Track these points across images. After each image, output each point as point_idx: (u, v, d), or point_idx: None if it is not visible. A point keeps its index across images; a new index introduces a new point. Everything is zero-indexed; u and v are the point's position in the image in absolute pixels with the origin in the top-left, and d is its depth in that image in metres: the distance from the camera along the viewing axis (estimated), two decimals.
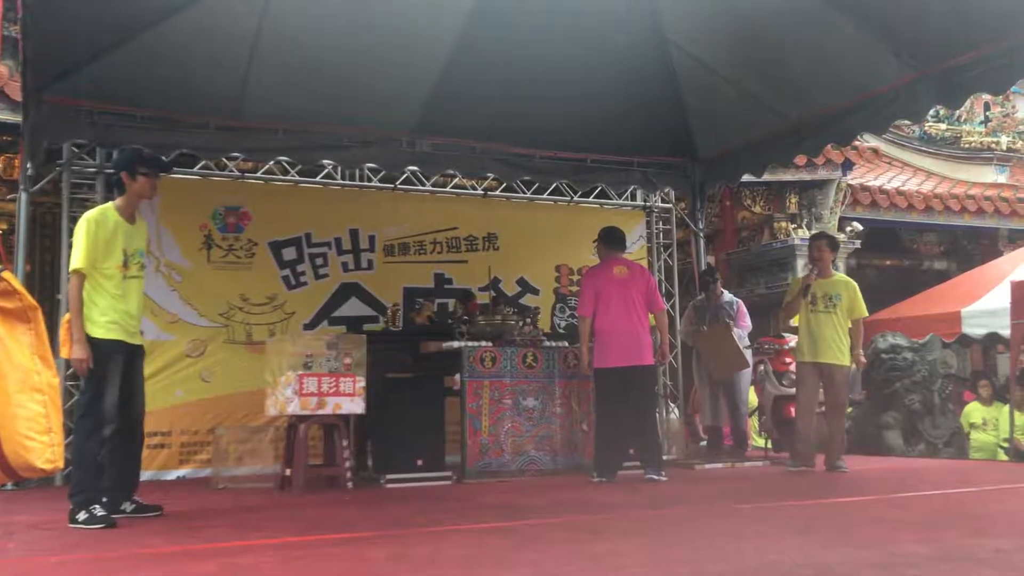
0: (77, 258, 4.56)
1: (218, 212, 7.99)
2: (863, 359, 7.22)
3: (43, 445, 1.97)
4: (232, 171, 8.25)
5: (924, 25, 6.18)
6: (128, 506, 4.79)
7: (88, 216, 4.71)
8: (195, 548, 3.83)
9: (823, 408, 7.06)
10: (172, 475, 7.46)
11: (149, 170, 4.91)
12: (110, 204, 4.88)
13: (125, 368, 4.63)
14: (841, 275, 7.36)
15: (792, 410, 7.68)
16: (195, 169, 8.08)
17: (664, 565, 3.19)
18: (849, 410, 8.56)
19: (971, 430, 9.74)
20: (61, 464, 1.97)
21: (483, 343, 6.79)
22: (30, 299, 1.94)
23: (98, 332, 4.49)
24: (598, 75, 7.38)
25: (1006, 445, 9.21)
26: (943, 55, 6.33)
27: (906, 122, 12.12)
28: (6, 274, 3.10)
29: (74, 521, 4.42)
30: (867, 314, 7.11)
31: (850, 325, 6.95)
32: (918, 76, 6.58)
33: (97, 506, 4.46)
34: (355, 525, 4.50)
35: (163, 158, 5.70)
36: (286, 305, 8.12)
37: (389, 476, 6.35)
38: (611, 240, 6.77)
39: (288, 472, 6.30)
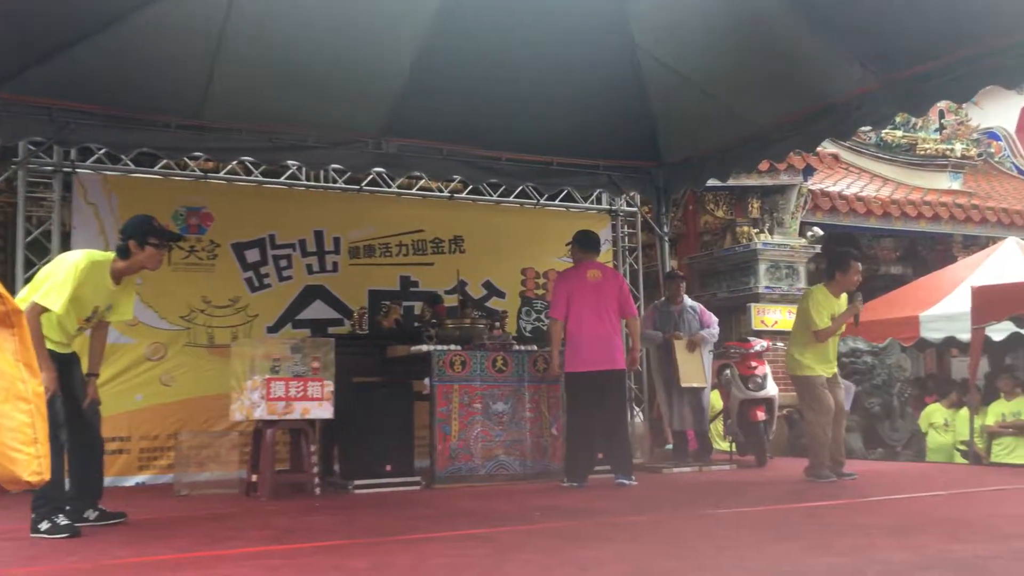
0: (52, 298, 4.36)
1: (179, 213, 7.83)
2: None
3: (29, 457, 1.88)
4: (194, 171, 8.10)
5: (888, 33, 6.25)
6: (92, 514, 4.67)
7: (78, 262, 4.49)
8: (167, 558, 3.73)
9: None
10: (131, 481, 7.29)
11: (160, 242, 4.74)
12: (107, 260, 4.66)
13: (63, 376, 4.47)
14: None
15: (758, 414, 7.75)
16: (156, 168, 7.92)
17: (650, 574, 3.17)
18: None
19: (930, 430, 9.91)
20: (48, 476, 1.89)
21: (452, 347, 6.73)
22: (14, 303, 1.85)
23: None
24: (565, 79, 7.36)
25: (964, 448, 9.38)
26: (907, 63, 6.39)
27: (864, 129, 12.27)
28: None
29: (36, 531, 4.30)
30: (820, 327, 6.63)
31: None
32: (882, 84, 6.64)
33: (60, 515, 4.34)
34: (330, 533, 4.43)
35: (175, 231, 5.56)
36: (249, 308, 7.98)
37: (357, 482, 6.27)
38: (585, 243, 6.76)
39: (254, 478, 6.18)
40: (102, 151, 7.56)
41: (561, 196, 9.38)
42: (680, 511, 5.12)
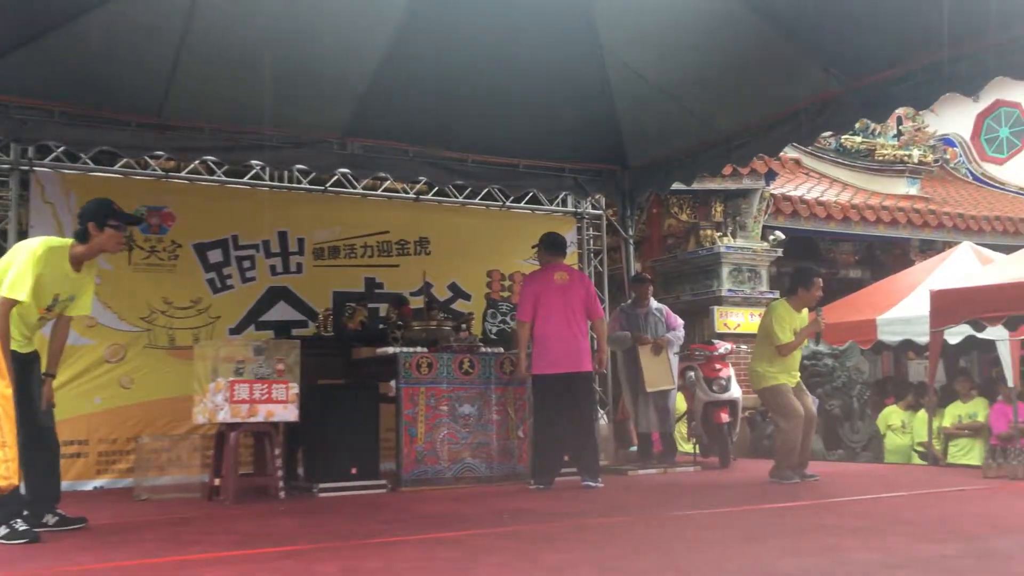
0: (18, 289, 4.30)
1: (140, 212, 7.66)
2: None
3: None
4: (155, 170, 7.97)
5: (851, 40, 6.35)
6: (51, 519, 4.57)
7: (35, 249, 4.43)
8: (131, 564, 3.66)
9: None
10: (89, 485, 7.14)
11: (119, 223, 4.67)
12: (65, 246, 4.59)
13: (20, 376, 4.35)
14: None
15: (722, 416, 7.81)
16: (116, 167, 7.78)
17: None
18: None
19: (888, 432, 10.05)
20: (16, 481, 1.82)
21: (419, 349, 6.69)
22: None
23: None
24: (533, 81, 7.35)
25: (921, 449, 9.53)
26: (869, 70, 6.49)
27: (825, 134, 12.44)
28: None
29: None
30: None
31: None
32: (845, 90, 6.74)
33: (18, 520, 4.24)
34: (296, 537, 4.37)
35: (134, 213, 5.44)
36: (211, 309, 7.87)
37: (322, 485, 6.22)
38: (552, 246, 6.76)
39: (217, 482, 6.09)
40: (60, 149, 7.42)
41: (527, 198, 9.38)
42: (649, 513, 5.14)
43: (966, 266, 9.91)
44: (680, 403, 8.77)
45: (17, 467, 1.88)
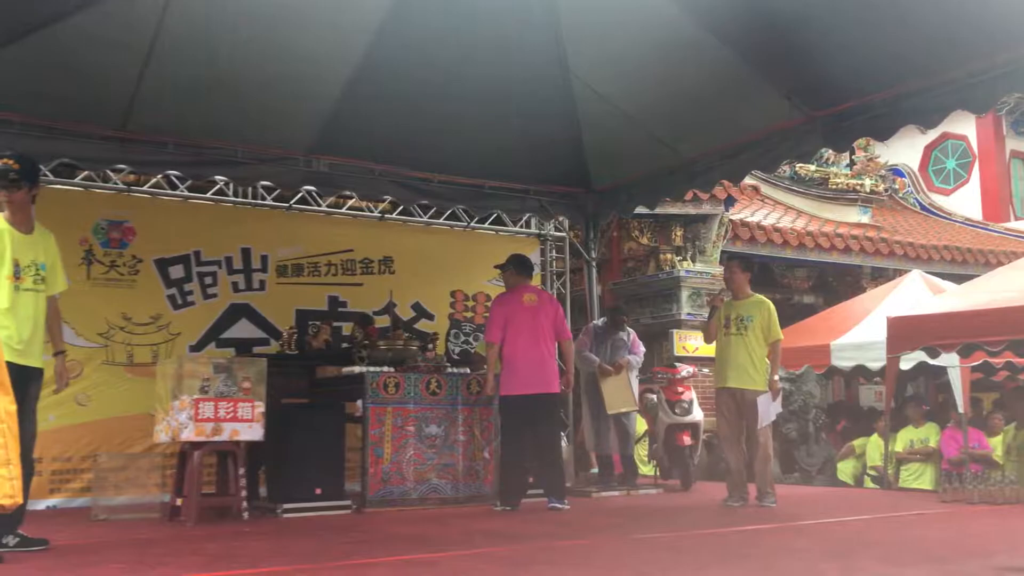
0: None
1: (100, 226, 7.58)
2: (777, 385, 6.71)
3: (1, 479, 1.76)
4: (117, 183, 7.84)
5: (813, 71, 6.48)
6: (11, 540, 4.43)
7: None
8: None
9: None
10: (42, 504, 6.92)
11: None
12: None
13: (16, 391, 4.26)
14: (758, 297, 6.94)
15: (684, 439, 7.87)
16: (76, 180, 7.63)
17: None
18: None
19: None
20: (20, 499, 1.77)
21: (385, 368, 6.65)
22: None
23: None
24: (499, 103, 7.39)
25: (874, 473, 9.69)
26: (832, 100, 6.63)
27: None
28: None
29: None
30: (781, 336, 6.78)
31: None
32: (807, 119, 6.87)
33: None
34: (265, 559, 4.31)
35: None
36: (171, 325, 7.75)
37: (286, 506, 6.13)
38: (521, 267, 6.80)
39: (179, 502, 5.97)
40: None
41: (491, 219, 9.40)
42: (618, 534, 5.15)
43: (916, 294, 10.15)
44: (640, 424, 8.82)
45: (21, 485, 1.83)
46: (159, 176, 7.86)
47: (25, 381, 4.44)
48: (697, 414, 8.03)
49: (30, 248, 4.54)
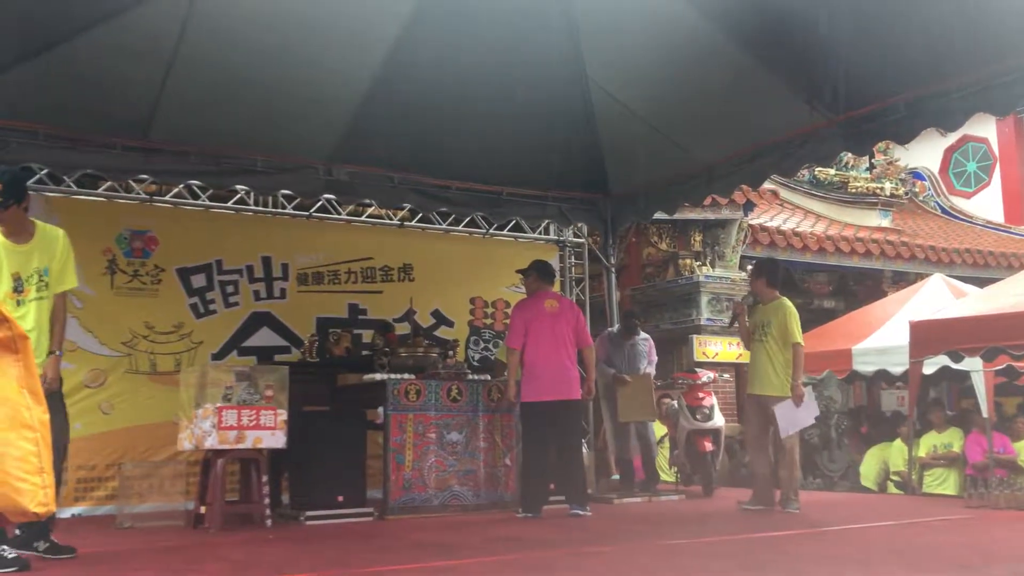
0: None
1: (123, 236, 7.63)
2: (800, 390, 6.51)
3: (35, 487, 1.80)
4: (139, 193, 7.90)
5: (834, 75, 6.44)
6: (41, 545, 4.46)
7: None
8: None
9: None
10: (67, 512, 6.96)
11: None
12: None
13: None
14: (778, 301, 6.80)
15: (706, 444, 7.84)
16: (100, 190, 7.70)
17: None
18: None
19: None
20: (54, 507, 1.81)
21: (406, 376, 6.66)
22: (20, 328, 1.78)
23: None
24: (518, 110, 7.41)
25: (897, 479, 9.62)
26: (852, 104, 6.60)
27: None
28: None
29: None
30: (799, 339, 6.63)
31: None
32: (827, 123, 6.85)
33: (5, 548, 4.14)
34: (290, 566, 4.32)
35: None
36: (193, 334, 7.79)
37: (309, 513, 6.15)
38: (543, 273, 6.80)
39: (202, 509, 6.00)
40: (44, 171, 7.33)
41: (510, 226, 9.41)
42: (640, 541, 5.14)
43: (939, 297, 10.08)
44: (658, 429, 8.79)
45: (54, 493, 1.86)
46: (181, 186, 7.92)
47: None
48: (718, 419, 8.00)
49: (30, 257, 4.52)
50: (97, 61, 6.15)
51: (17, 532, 4.21)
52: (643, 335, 8.20)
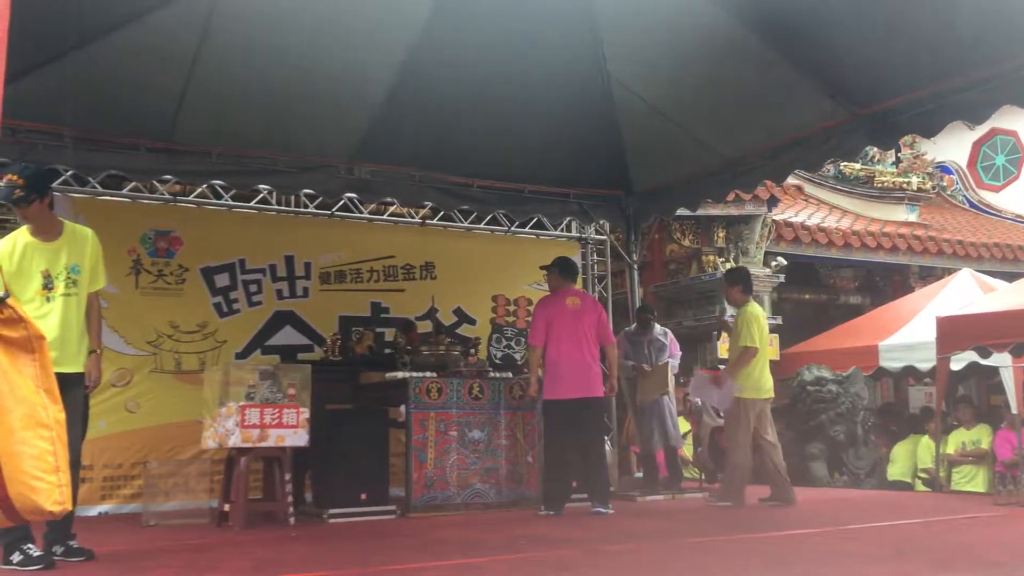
0: None
1: (148, 236, 7.69)
2: (727, 380, 6.84)
3: (51, 486, 1.81)
4: (163, 194, 7.96)
5: (858, 68, 6.39)
6: (58, 548, 4.47)
7: None
8: None
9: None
10: (93, 511, 7.05)
11: None
12: (23, 227, 4.58)
13: None
14: (745, 306, 6.98)
15: None
16: (124, 191, 7.77)
17: None
18: None
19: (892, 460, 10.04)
20: (70, 506, 1.81)
21: (428, 374, 6.67)
22: (36, 328, 1.79)
23: None
24: (539, 107, 7.40)
25: (925, 476, 9.52)
26: (877, 97, 6.54)
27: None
28: (11, 300, 2.86)
29: (8, 563, 4.14)
30: (748, 343, 6.73)
31: None
32: (852, 117, 6.78)
33: (30, 545, 4.19)
34: (314, 563, 4.34)
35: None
36: (218, 333, 7.84)
37: (332, 511, 6.17)
38: (566, 270, 6.79)
39: (226, 507, 6.04)
40: (69, 173, 7.40)
41: (532, 223, 9.39)
42: (664, 539, 5.11)
43: (967, 293, 9.97)
44: (683, 425, 8.73)
45: (70, 492, 1.87)
46: (204, 186, 7.97)
47: (63, 388, 4.47)
48: None
49: (58, 254, 4.54)
50: (121, 63, 6.21)
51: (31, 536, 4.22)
52: (660, 329, 8.15)
